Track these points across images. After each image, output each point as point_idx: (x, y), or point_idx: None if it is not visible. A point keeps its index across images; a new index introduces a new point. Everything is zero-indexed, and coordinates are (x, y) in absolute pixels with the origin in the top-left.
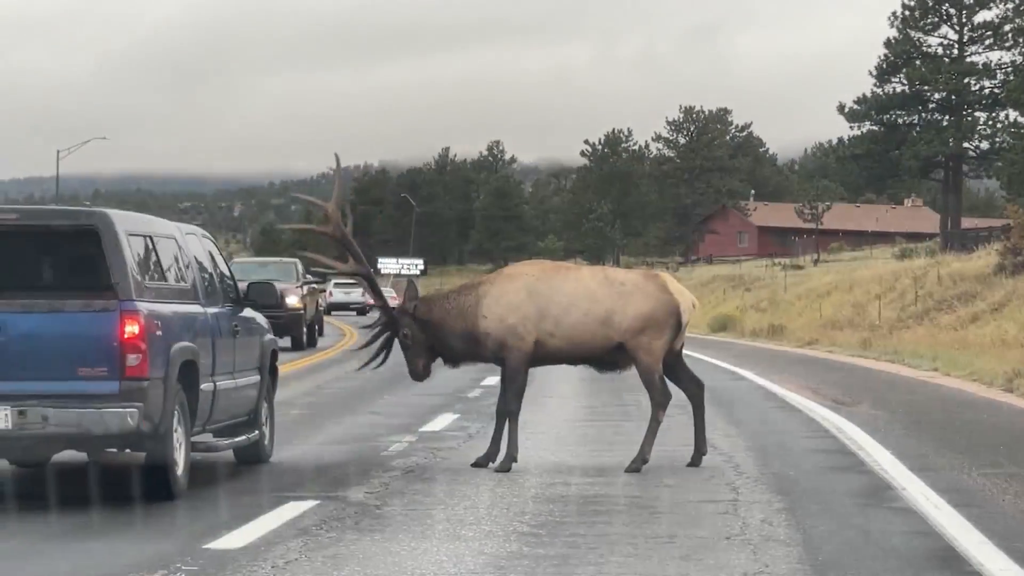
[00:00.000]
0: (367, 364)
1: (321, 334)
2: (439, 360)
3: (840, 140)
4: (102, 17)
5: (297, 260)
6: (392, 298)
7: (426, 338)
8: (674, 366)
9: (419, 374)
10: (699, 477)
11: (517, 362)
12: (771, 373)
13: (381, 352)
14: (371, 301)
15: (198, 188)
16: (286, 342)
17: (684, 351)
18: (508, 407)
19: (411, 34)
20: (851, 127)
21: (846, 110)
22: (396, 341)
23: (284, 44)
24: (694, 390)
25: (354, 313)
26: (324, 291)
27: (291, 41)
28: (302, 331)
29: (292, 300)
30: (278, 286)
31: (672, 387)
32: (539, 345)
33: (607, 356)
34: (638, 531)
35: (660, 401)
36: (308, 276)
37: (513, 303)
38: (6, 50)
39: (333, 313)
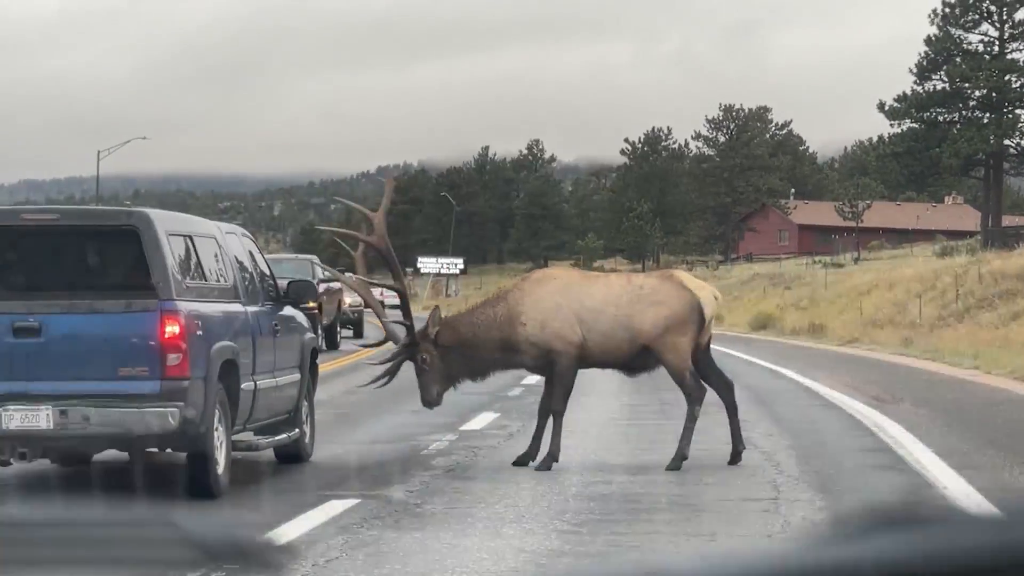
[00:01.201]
0: (373, 382)
1: (361, 335)
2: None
3: (880, 138)
4: (143, 18)
5: (313, 257)
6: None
7: (444, 365)
8: (703, 364)
9: (432, 401)
10: (740, 475)
11: (567, 363)
12: (812, 371)
13: (389, 373)
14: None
15: (238, 188)
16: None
17: (726, 350)
18: (555, 407)
19: (451, 33)
20: (891, 125)
21: (886, 108)
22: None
23: (324, 43)
24: (724, 390)
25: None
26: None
27: (330, 40)
28: (316, 332)
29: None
30: None
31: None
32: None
33: (635, 360)
34: (679, 529)
35: (694, 397)
36: (327, 275)
37: (551, 307)
38: (47, 52)
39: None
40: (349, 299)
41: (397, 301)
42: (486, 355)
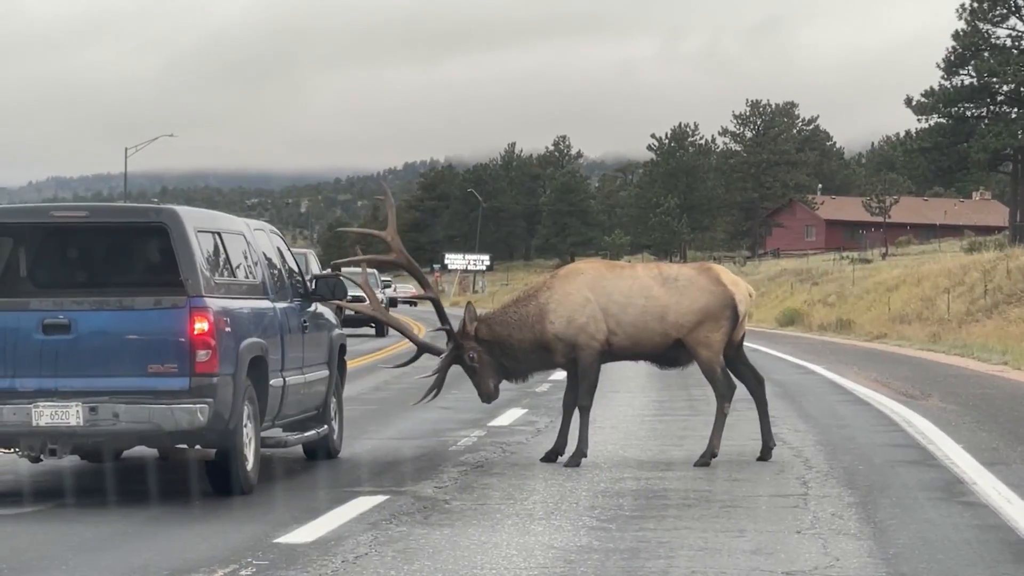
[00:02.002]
0: (426, 396)
1: (385, 334)
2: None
3: (908, 133)
4: (169, 16)
5: (309, 251)
6: (412, 293)
7: (492, 358)
8: (735, 359)
9: (491, 395)
10: (769, 471)
11: (590, 359)
12: (840, 367)
13: (440, 383)
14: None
15: (265, 184)
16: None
17: (754, 345)
18: (581, 402)
19: (477, 29)
20: (919, 120)
21: (913, 103)
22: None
23: (350, 40)
24: (755, 386)
25: (373, 332)
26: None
27: (357, 37)
28: None
29: None
30: None
31: (735, 381)
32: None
33: (668, 352)
34: (708, 525)
35: (724, 393)
36: (327, 270)
37: (578, 302)
38: (75, 49)
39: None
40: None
41: (413, 297)
42: (521, 356)
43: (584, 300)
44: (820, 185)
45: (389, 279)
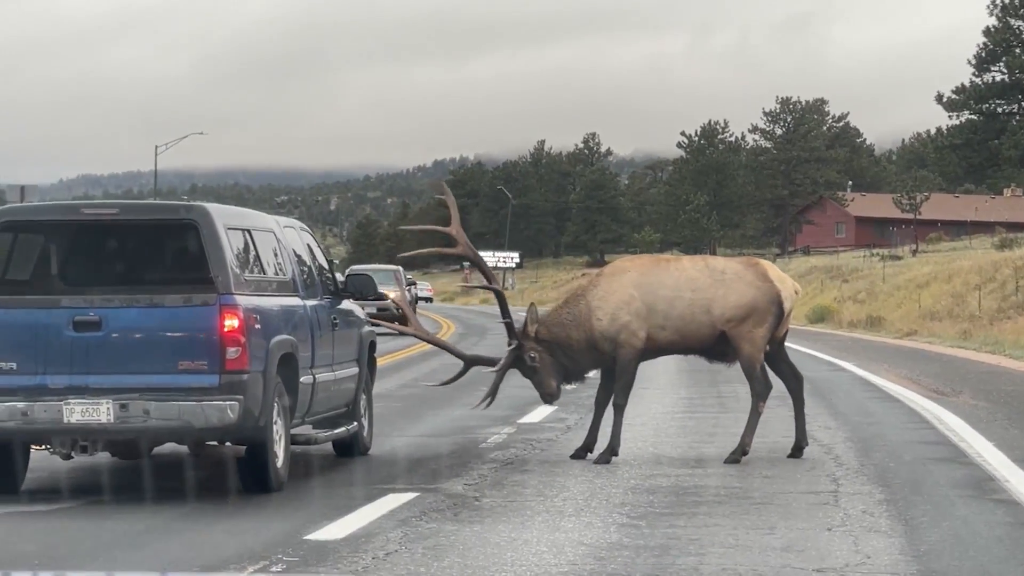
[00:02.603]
0: (485, 400)
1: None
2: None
3: (938, 130)
4: (199, 13)
5: (399, 268)
6: (429, 290)
7: (554, 358)
8: (776, 357)
9: (554, 395)
10: (799, 468)
11: (628, 358)
12: (870, 364)
13: (491, 395)
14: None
15: (295, 182)
16: None
17: (785, 343)
18: (617, 400)
19: (506, 26)
20: (949, 116)
21: (944, 99)
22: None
23: (379, 37)
24: (794, 383)
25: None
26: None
27: (386, 34)
28: None
29: None
30: None
31: (773, 378)
32: (650, 339)
33: (716, 346)
34: (738, 522)
35: (760, 392)
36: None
37: (623, 299)
38: (105, 47)
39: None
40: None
41: (428, 294)
42: (579, 356)
43: (629, 298)
44: (850, 182)
45: (412, 277)
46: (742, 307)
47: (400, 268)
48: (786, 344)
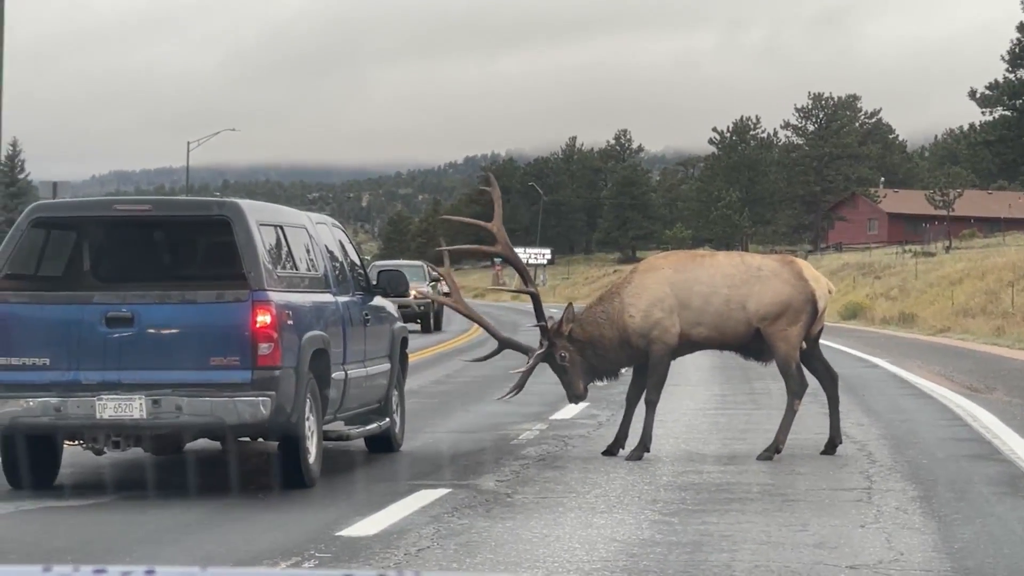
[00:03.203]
0: (510, 392)
1: (430, 328)
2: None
3: (972, 126)
4: (231, 10)
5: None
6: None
7: (584, 359)
8: (810, 355)
9: (580, 394)
10: (832, 465)
11: (661, 354)
12: (903, 361)
13: (525, 379)
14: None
15: (326, 179)
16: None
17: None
18: (649, 397)
19: (537, 23)
20: (983, 113)
21: (977, 96)
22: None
23: (410, 34)
24: (828, 381)
25: (419, 328)
26: None
27: (417, 31)
28: None
29: None
30: None
31: (808, 376)
32: (685, 335)
33: (753, 343)
34: (771, 519)
35: (796, 390)
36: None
37: (657, 296)
38: (138, 44)
39: None
40: (414, 291)
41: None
42: (612, 354)
43: (663, 295)
44: (883, 178)
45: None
46: (777, 304)
47: (424, 264)
48: (820, 341)
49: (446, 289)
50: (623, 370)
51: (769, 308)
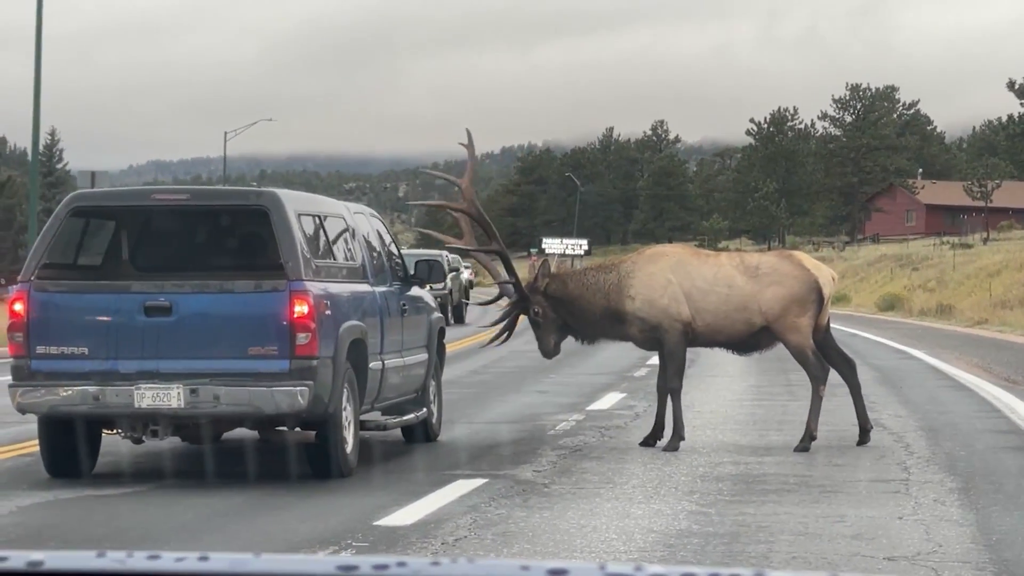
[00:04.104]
0: (493, 341)
1: (461, 320)
2: (567, 338)
3: (1010, 117)
4: (269, 1)
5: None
6: (473, 275)
7: (558, 316)
8: (824, 344)
9: (549, 351)
10: (869, 457)
11: (675, 341)
12: (940, 352)
13: (507, 329)
14: None
15: (363, 169)
16: None
17: (853, 331)
18: (670, 384)
19: (575, 13)
20: (1021, 104)
21: (1016, 86)
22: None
23: (448, 24)
24: (845, 369)
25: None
26: None
27: (454, 20)
28: None
29: None
30: None
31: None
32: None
33: (748, 340)
34: (808, 510)
35: (818, 375)
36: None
37: (660, 283)
38: (175, 35)
39: None
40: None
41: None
42: (590, 318)
43: (666, 282)
44: (920, 170)
45: (456, 261)
46: (782, 299)
47: (444, 253)
48: (857, 332)
49: (466, 277)
50: (599, 341)
51: (775, 304)
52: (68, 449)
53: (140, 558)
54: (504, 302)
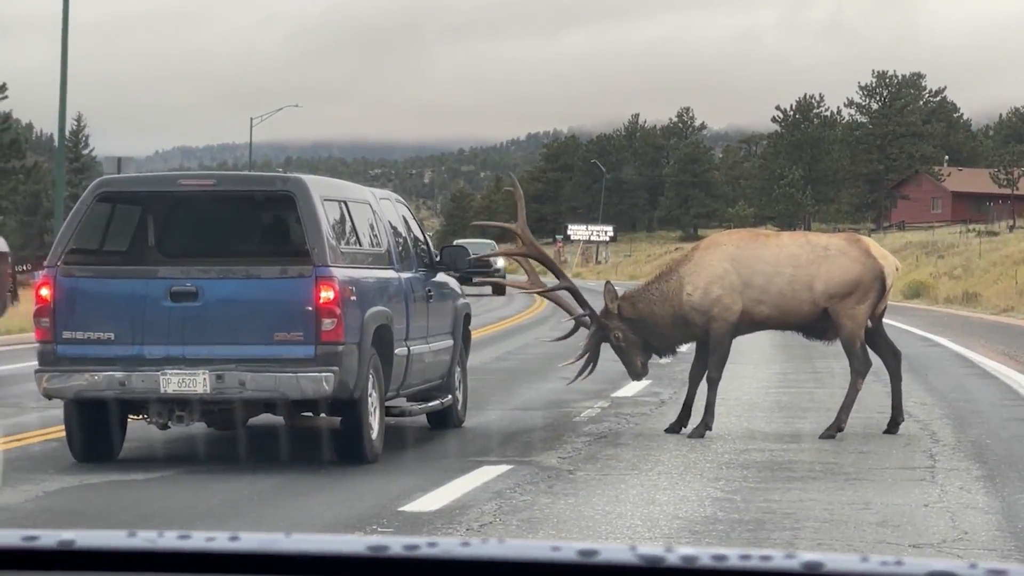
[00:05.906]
0: (580, 375)
1: (502, 293)
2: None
3: None
4: None
5: None
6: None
7: (637, 336)
8: (874, 333)
9: (639, 373)
10: (895, 444)
11: (722, 332)
12: (966, 340)
13: (591, 361)
14: None
15: (388, 155)
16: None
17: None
18: (711, 374)
19: None
20: None
21: None
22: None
23: (473, 10)
24: (891, 360)
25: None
26: None
27: (479, 7)
28: None
29: None
30: None
31: (871, 356)
32: (747, 313)
33: (817, 324)
34: (833, 498)
35: (860, 369)
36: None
37: (716, 273)
38: (202, 20)
39: None
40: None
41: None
42: (665, 331)
43: (723, 272)
44: (947, 157)
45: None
46: (846, 283)
47: (493, 242)
48: (883, 320)
49: (500, 265)
50: (683, 347)
51: (839, 287)
52: (94, 434)
53: (171, 537)
54: (580, 331)
